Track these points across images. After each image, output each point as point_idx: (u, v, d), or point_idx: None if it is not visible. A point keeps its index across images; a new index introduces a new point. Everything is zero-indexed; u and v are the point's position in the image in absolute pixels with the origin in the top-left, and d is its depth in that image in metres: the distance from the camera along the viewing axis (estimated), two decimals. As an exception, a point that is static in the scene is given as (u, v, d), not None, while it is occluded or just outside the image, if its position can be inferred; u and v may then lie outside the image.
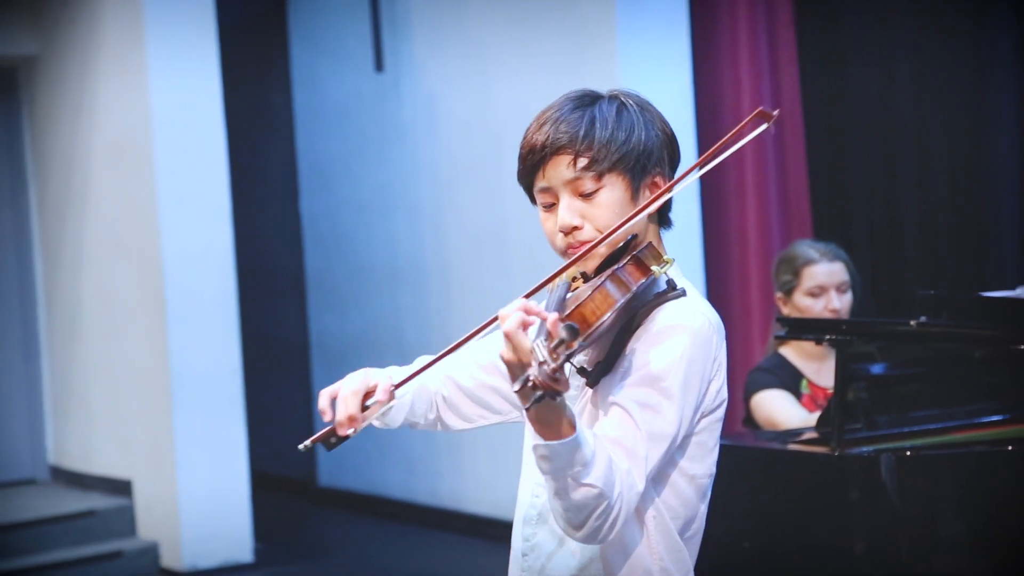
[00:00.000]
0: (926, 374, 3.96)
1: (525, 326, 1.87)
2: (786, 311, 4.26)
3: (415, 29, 7.56)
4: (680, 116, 6.27)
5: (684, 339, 2.08)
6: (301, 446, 2.14)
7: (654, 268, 2.08)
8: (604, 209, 2.15)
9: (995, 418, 3.78)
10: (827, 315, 4.15)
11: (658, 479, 2.13)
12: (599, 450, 1.97)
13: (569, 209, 2.16)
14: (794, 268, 4.24)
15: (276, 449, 8.90)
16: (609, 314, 1.97)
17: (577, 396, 2.18)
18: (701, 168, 2.15)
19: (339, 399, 2.12)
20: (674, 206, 2.28)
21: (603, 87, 2.29)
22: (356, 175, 8.18)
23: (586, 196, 2.16)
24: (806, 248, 4.30)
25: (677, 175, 2.26)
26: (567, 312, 1.97)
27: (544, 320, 1.86)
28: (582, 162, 2.14)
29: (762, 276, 6.33)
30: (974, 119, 6.41)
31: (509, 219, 6.93)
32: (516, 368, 1.86)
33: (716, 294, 6.44)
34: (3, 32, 7.94)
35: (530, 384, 1.80)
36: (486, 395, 2.41)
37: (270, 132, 8.96)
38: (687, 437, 2.13)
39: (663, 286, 2.12)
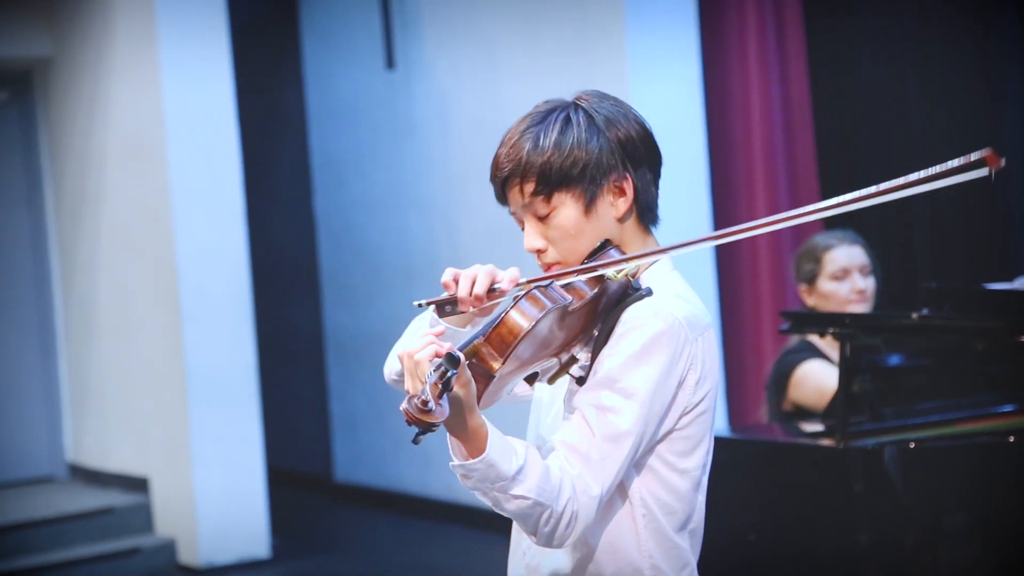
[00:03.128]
0: (930, 366, 3.97)
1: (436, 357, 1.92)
2: (811, 302, 4.27)
3: (426, 26, 7.59)
4: (689, 113, 6.29)
5: (640, 339, 2.09)
6: (417, 303, 2.21)
7: (608, 273, 2.09)
8: (559, 231, 2.19)
9: (999, 409, 3.79)
10: (853, 297, 4.16)
11: (648, 477, 2.15)
12: (531, 461, 2.01)
13: (530, 233, 2.22)
14: (815, 256, 4.25)
15: (292, 445, 8.95)
16: (529, 327, 1.97)
17: (571, 400, 2.19)
18: (897, 191, 2.08)
19: (466, 277, 2.17)
20: (683, 201, 2.31)
21: (613, 84, 2.32)
22: (369, 172, 8.21)
23: (543, 219, 2.20)
24: (824, 237, 4.33)
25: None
26: (486, 333, 1.99)
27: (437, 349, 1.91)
28: (529, 188, 2.19)
29: (772, 269, 6.34)
30: (982, 113, 6.41)
31: (521, 215, 6.95)
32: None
33: (726, 288, 6.46)
34: (18, 34, 7.99)
35: (405, 420, 1.82)
36: None
37: (283, 130, 8.99)
38: (670, 433, 2.15)
39: (626, 290, 2.13)
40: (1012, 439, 3.37)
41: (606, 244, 2.17)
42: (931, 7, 6.42)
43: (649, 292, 2.13)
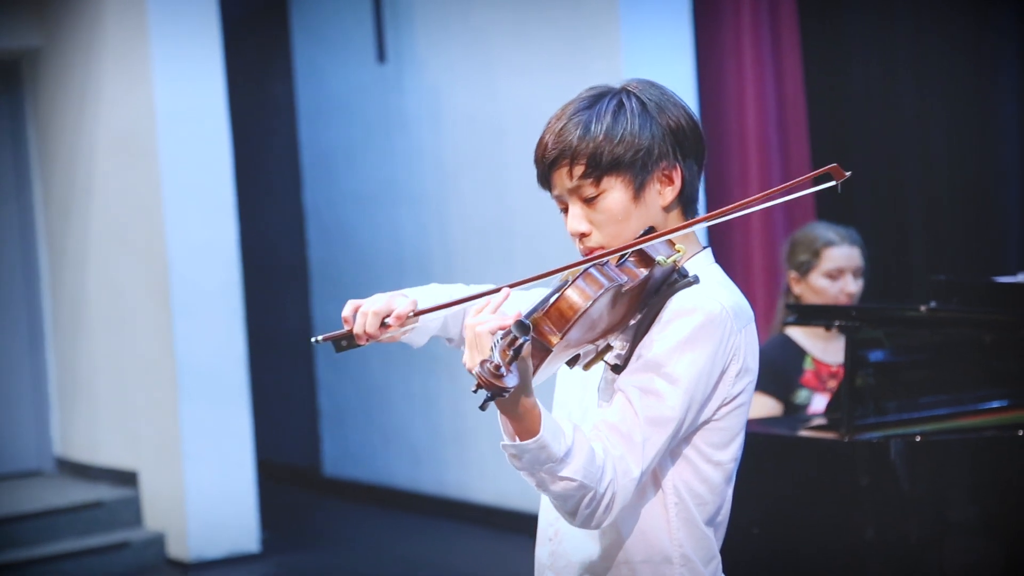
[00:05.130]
0: (935, 360, 3.97)
1: (497, 329, 1.93)
2: (797, 291, 4.27)
3: (417, 20, 7.57)
4: (684, 105, 6.29)
5: (689, 325, 2.09)
6: (315, 339, 2.31)
7: (659, 259, 2.09)
8: (606, 214, 2.18)
9: (1004, 403, 3.79)
10: (842, 298, 4.18)
11: (683, 467, 2.16)
12: (577, 443, 2.00)
13: (575, 216, 2.20)
14: (814, 248, 4.25)
15: (281, 439, 8.93)
16: (587, 305, 1.97)
17: (606, 389, 2.19)
18: (750, 207, 2.17)
19: (360, 313, 2.26)
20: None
21: (606, 79, 2.32)
22: (359, 167, 8.19)
23: (590, 203, 2.19)
24: (825, 230, 4.31)
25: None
26: (545, 309, 1.98)
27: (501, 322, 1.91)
28: (578, 171, 2.18)
29: (765, 261, 6.35)
30: (976, 108, 6.43)
31: (513, 210, 6.95)
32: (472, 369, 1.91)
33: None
34: (7, 25, 7.94)
35: (475, 385, 1.82)
36: None
37: (273, 124, 8.97)
38: (707, 423, 2.15)
39: (673, 276, 2.13)
40: (1021, 433, 3.37)
41: (650, 232, 2.17)
42: (926, 3, 6.43)
43: (696, 279, 2.13)
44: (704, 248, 2.25)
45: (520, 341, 1.85)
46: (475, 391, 1.84)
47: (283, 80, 8.77)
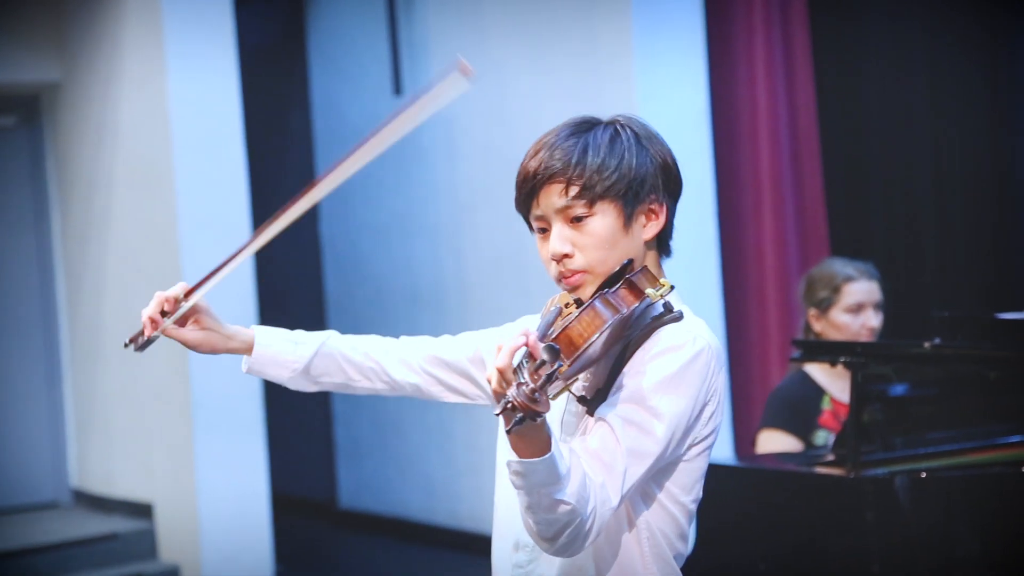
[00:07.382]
0: (942, 395, 3.96)
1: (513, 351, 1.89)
2: (818, 327, 4.25)
3: (433, 52, 7.60)
4: (697, 136, 6.29)
5: (678, 360, 2.08)
6: (124, 343, 2.52)
7: (648, 291, 2.09)
8: (594, 237, 2.16)
9: (1011, 439, 3.78)
10: (864, 333, 4.16)
11: (654, 508, 2.15)
12: (574, 466, 1.98)
13: (560, 237, 2.17)
14: (833, 285, 4.24)
15: (296, 471, 8.93)
16: (595, 336, 1.96)
17: (576, 423, 2.18)
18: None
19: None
20: (690, 227, 2.30)
21: (620, 109, 2.31)
22: (375, 198, 8.21)
23: (577, 224, 2.16)
24: (843, 266, 4.31)
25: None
26: (553, 335, 1.97)
27: (527, 344, 1.87)
28: (573, 190, 2.15)
29: (779, 295, 6.33)
30: (992, 130, 6.41)
31: (527, 242, 6.92)
32: (499, 391, 1.87)
33: (733, 313, 6.44)
34: (26, 59, 8.00)
35: (510, 406, 1.81)
36: (462, 383, 2.48)
37: (290, 155, 8.99)
38: (675, 463, 2.14)
39: (659, 309, 2.12)
40: (1025, 469, 3.36)
41: (629, 264, 2.16)
42: (938, 21, 6.42)
43: (681, 315, 2.12)
44: (672, 287, 2.21)
45: (557, 365, 1.83)
46: (499, 413, 1.83)
47: (300, 111, 8.80)
